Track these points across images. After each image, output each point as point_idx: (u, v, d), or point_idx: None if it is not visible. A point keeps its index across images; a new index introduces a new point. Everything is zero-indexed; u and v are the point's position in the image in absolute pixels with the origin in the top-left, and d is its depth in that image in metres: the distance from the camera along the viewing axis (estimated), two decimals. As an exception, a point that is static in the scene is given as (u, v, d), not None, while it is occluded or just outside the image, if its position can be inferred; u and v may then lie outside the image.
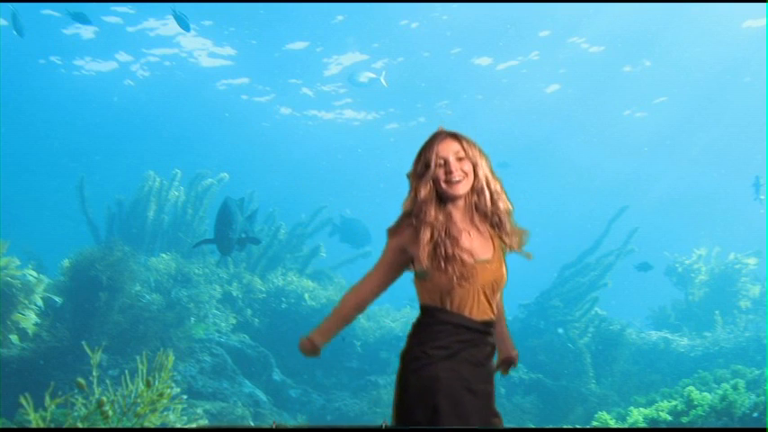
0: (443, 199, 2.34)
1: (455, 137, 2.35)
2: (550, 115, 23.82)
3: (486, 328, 2.31)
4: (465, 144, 2.34)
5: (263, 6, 17.20)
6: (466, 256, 2.28)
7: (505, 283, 2.39)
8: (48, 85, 22.46)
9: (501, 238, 2.38)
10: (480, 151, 2.37)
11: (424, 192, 2.31)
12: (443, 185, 2.31)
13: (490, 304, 2.33)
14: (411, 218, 2.32)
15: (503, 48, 19.62)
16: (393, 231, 2.36)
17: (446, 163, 2.31)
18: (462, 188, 2.32)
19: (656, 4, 16.36)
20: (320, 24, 18.34)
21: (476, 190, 2.35)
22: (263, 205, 13.00)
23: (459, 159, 2.32)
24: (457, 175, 2.30)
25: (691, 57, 19.61)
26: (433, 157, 2.32)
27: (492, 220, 2.38)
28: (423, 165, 2.33)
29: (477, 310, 2.30)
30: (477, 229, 2.36)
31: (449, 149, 2.32)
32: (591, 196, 31.81)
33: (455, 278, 2.25)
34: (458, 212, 2.35)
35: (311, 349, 2.43)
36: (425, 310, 2.32)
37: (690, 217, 34.66)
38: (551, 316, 11.87)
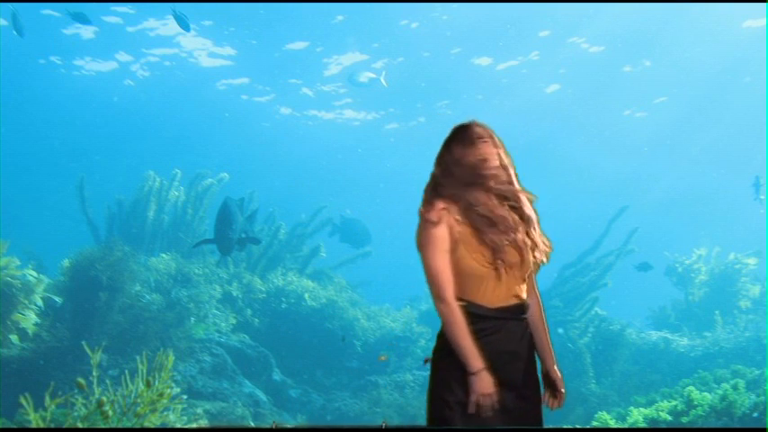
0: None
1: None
2: (550, 115, 23.80)
3: (503, 315, 2.22)
4: None
5: (263, 6, 17.19)
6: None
7: (531, 266, 2.28)
8: (48, 85, 22.44)
9: None
10: None
11: None
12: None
13: (509, 289, 2.24)
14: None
15: (503, 48, 19.61)
16: None
17: None
18: None
19: (656, 4, 16.36)
20: (320, 24, 18.33)
21: None
22: (263, 205, 13.02)
23: None
24: None
25: (691, 57, 19.60)
26: None
27: None
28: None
29: (492, 296, 2.22)
30: None
31: None
32: (591, 196, 31.76)
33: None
34: None
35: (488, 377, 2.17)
36: None
37: (690, 217, 34.62)
38: (551, 316, 11.85)
